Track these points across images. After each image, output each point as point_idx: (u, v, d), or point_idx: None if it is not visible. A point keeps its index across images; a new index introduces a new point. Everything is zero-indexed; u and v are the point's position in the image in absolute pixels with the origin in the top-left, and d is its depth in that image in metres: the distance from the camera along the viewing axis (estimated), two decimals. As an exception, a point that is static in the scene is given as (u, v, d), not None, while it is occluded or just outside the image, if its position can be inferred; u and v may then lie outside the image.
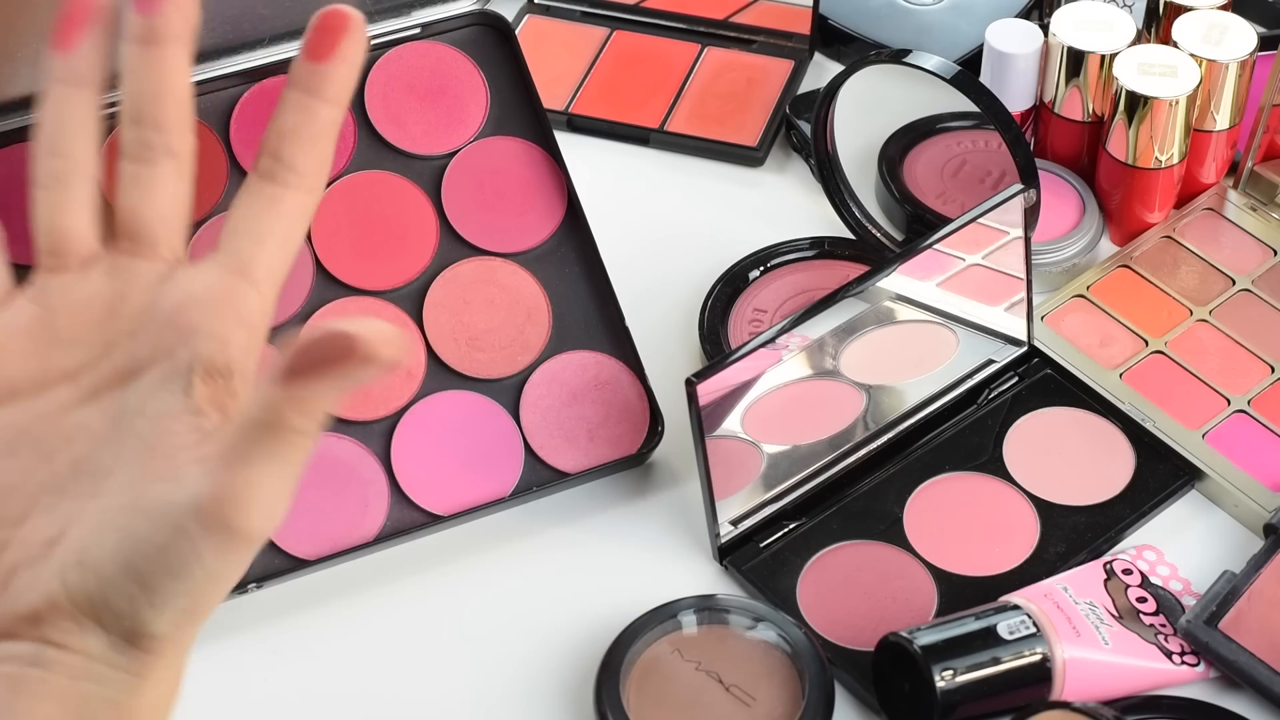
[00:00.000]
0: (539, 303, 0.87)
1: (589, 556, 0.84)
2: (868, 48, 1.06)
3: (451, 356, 0.85)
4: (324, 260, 0.86)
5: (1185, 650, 0.77)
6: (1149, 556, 0.82)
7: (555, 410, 0.85)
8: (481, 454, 0.84)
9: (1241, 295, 0.93)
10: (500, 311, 0.87)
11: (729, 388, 0.77)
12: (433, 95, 0.89)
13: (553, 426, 0.85)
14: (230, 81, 0.86)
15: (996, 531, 0.83)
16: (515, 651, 0.80)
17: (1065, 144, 0.98)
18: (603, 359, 0.86)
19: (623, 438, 0.85)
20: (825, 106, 0.94)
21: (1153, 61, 0.92)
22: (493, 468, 0.84)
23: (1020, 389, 0.89)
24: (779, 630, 0.77)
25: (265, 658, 0.80)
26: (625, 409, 0.85)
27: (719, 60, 1.08)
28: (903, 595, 0.81)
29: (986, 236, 0.83)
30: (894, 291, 0.83)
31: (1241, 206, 0.97)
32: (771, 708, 0.75)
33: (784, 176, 1.03)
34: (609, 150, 1.04)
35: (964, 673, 0.74)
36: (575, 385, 0.86)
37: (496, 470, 0.84)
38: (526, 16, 1.11)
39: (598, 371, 0.86)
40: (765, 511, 0.83)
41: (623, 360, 0.86)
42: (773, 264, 0.95)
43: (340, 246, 0.86)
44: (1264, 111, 0.94)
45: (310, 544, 0.82)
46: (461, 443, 0.84)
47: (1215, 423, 0.87)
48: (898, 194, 0.98)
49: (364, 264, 0.86)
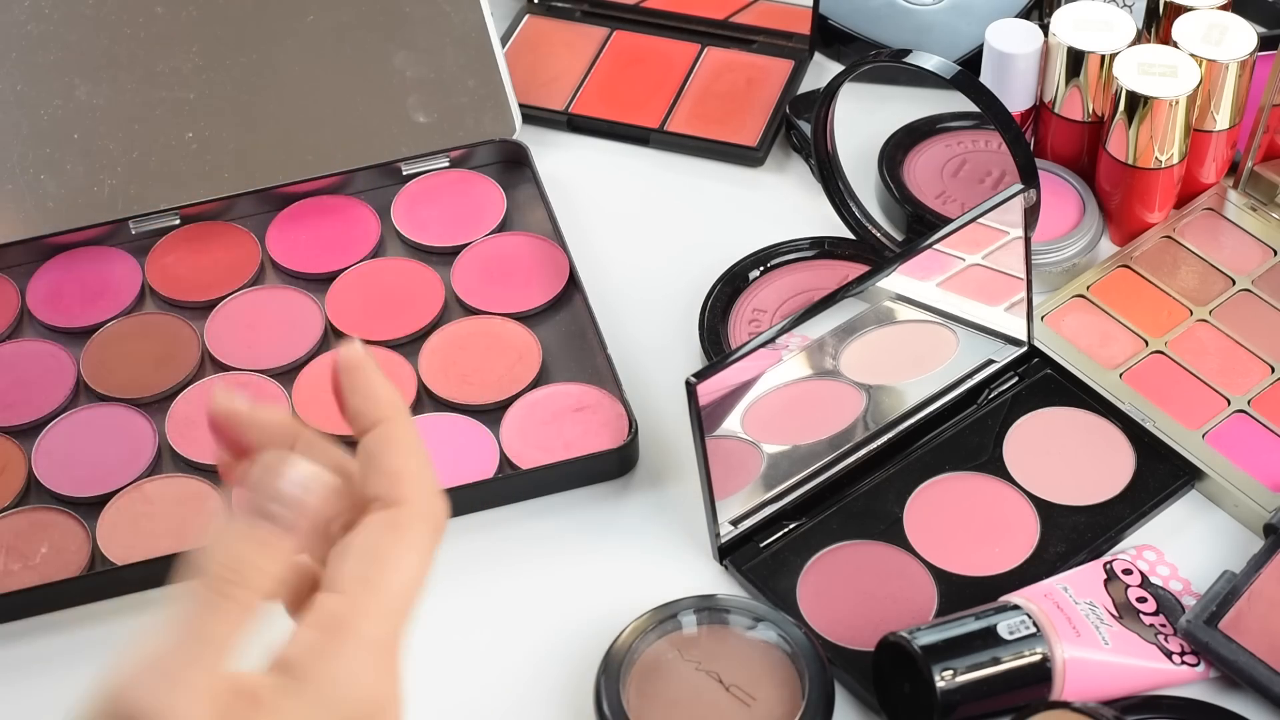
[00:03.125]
0: (530, 347, 0.92)
1: (589, 557, 0.84)
2: (868, 48, 1.06)
3: (443, 389, 0.91)
4: (334, 320, 0.94)
5: (1185, 650, 0.77)
6: (1149, 556, 0.82)
7: (534, 429, 0.89)
8: (457, 463, 0.87)
9: (1241, 295, 0.93)
10: (493, 354, 0.92)
11: (729, 388, 0.77)
12: (454, 207, 0.99)
13: (529, 441, 0.88)
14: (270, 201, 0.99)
15: (996, 531, 0.83)
16: (515, 651, 0.80)
17: (1065, 144, 0.98)
18: (586, 389, 0.90)
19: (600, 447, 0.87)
20: (825, 106, 0.94)
21: (1153, 61, 0.92)
22: (469, 472, 0.87)
23: (1020, 389, 0.89)
24: (779, 630, 0.77)
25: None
26: (606, 429, 0.88)
27: (719, 60, 1.08)
28: (903, 595, 0.81)
29: (986, 236, 0.83)
30: (894, 291, 0.83)
31: (1241, 206, 0.97)
32: (771, 708, 0.75)
33: (784, 176, 1.03)
34: (609, 150, 1.04)
35: (964, 673, 0.74)
36: (556, 409, 0.89)
37: (472, 473, 0.87)
38: (526, 16, 1.11)
39: (580, 397, 0.90)
40: (765, 511, 0.83)
41: (604, 389, 0.90)
42: (773, 264, 0.95)
43: (352, 312, 0.95)
44: (1264, 111, 0.94)
45: None
46: (439, 455, 0.85)
47: (1215, 423, 0.87)
48: (898, 194, 0.98)
49: (372, 324, 0.94)
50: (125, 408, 0.90)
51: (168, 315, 0.95)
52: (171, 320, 0.95)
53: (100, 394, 0.91)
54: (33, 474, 0.88)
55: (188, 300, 0.95)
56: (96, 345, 0.93)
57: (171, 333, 0.94)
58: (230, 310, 0.95)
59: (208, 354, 0.93)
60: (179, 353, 0.93)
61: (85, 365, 0.92)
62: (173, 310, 0.95)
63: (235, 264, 0.97)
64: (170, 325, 0.94)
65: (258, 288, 0.96)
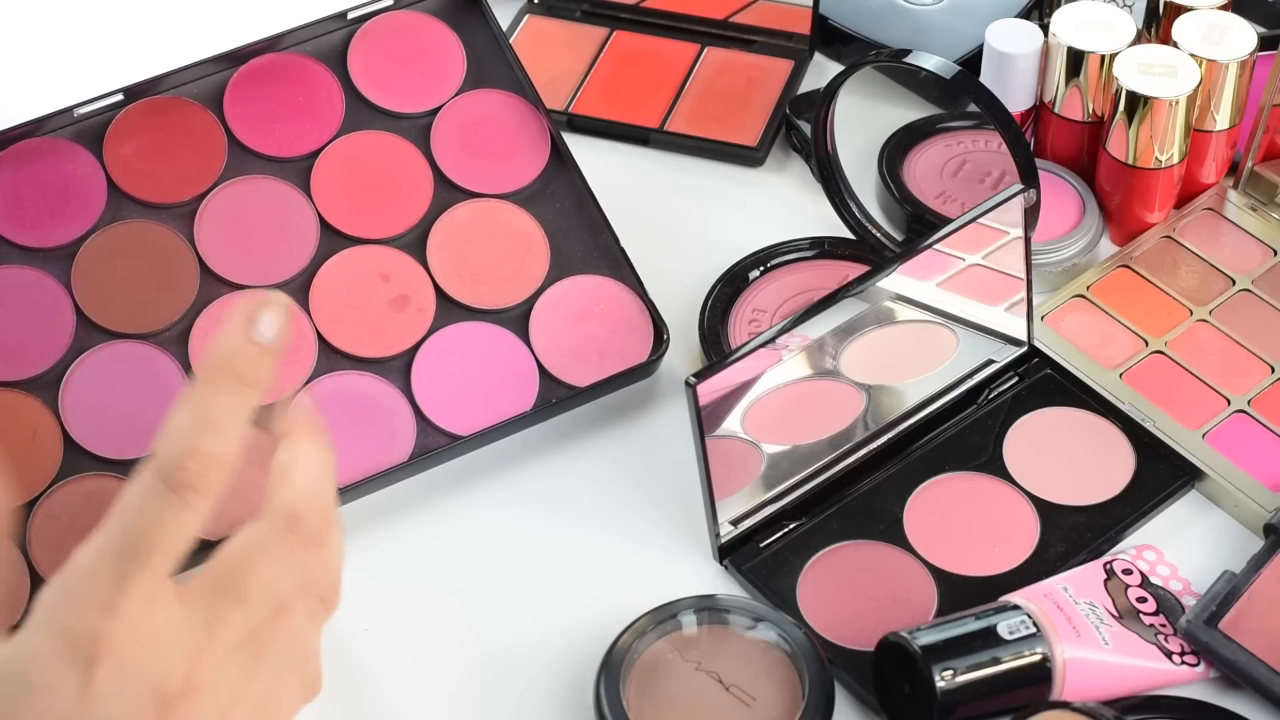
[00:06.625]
0: (536, 236, 0.92)
1: (589, 556, 0.84)
2: (868, 48, 1.06)
3: (458, 292, 0.90)
4: (326, 215, 0.91)
5: (1185, 650, 0.77)
6: (1149, 556, 0.82)
7: (563, 331, 0.89)
8: (499, 379, 0.88)
9: (1241, 295, 0.93)
10: (500, 247, 0.91)
11: (729, 388, 0.77)
12: (411, 59, 0.95)
13: (563, 346, 0.89)
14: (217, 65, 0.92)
15: (996, 531, 0.83)
16: (515, 651, 0.80)
17: (1065, 144, 0.98)
18: (603, 281, 0.91)
19: (631, 350, 0.89)
20: (825, 106, 0.94)
21: (1153, 61, 0.92)
22: (511, 390, 0.88)
23: (1020, 389, 0.89)
24: (779, 630, 0.77)
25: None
26: (630, 324, 0.90)
27: (719, 60, 1.08)
28: (903, 595, 0.81)
29: (986, 236, 0.83)
30: (894, 291, 0.83)
31: (1241, 206, 0.97)
32: (771, 708, 0.75)
33: (784, 176, 1.03)
34: (609, 150, 1.04)
35: (964, 673, 0.74)
36: (579, 306, 0.90)
37: (515, 392, 0.88)
38: (526, 16, 1.11)
39: (599, 292, 0.90)
40: (765, 511, 0.83)
41: (622, 280, 0.91)
42: (773, 264, 0.95)
43: (341, 202, 0.91)
44: (1264, 111, 0.94)
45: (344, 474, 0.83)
46: (479, 370, 0.88)
47: (1215, 423, 0.87)
48: (898, 194, 0.98)
49: (365, 216, 0.91)
50: (142, 344, 0.86)
51: (150, 223, 0.89)
52: (157, 230, 0.89)
53: (108, 330, 0.86)
54: (69, 436, 0.83)
55: (164, 202, 0.90)
56: (84, 268, 0.87)
57: (161, 245, 0.89)
58: (214, 212, 0.90)
59: (206, 269, 0.88)
60: (176, 270, 0.88)
61: (79, 294, 0.87)
62: (152, 216, 0.89)
63: (201, 152, 0.91)
64: (157, 236, 0.89)
65: (235, 181, 0.91)
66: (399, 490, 0.86)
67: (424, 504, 0.86)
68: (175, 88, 0.92)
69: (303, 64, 0.94)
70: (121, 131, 0.91)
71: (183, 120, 0.92)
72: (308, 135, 0.93)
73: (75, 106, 0.90)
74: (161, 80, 0.91)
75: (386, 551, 0.84)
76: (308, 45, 0.94)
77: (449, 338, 0.89)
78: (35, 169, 0.90)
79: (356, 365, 0.88)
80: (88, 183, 0.90)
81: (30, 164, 0.90)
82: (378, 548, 0.84)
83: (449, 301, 0.90)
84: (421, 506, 0.86)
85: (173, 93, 0.92)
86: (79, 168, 0.90)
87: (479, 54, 0.96)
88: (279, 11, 0.93)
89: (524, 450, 0.88)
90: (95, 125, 0.91)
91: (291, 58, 0.94)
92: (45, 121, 0.90)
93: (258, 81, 0.93)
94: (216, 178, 0.91)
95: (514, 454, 0.88)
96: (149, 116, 0.92)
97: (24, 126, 0.89)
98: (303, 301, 0.89)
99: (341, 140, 0.93)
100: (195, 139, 0.92)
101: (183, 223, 0.90)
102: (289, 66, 0.94)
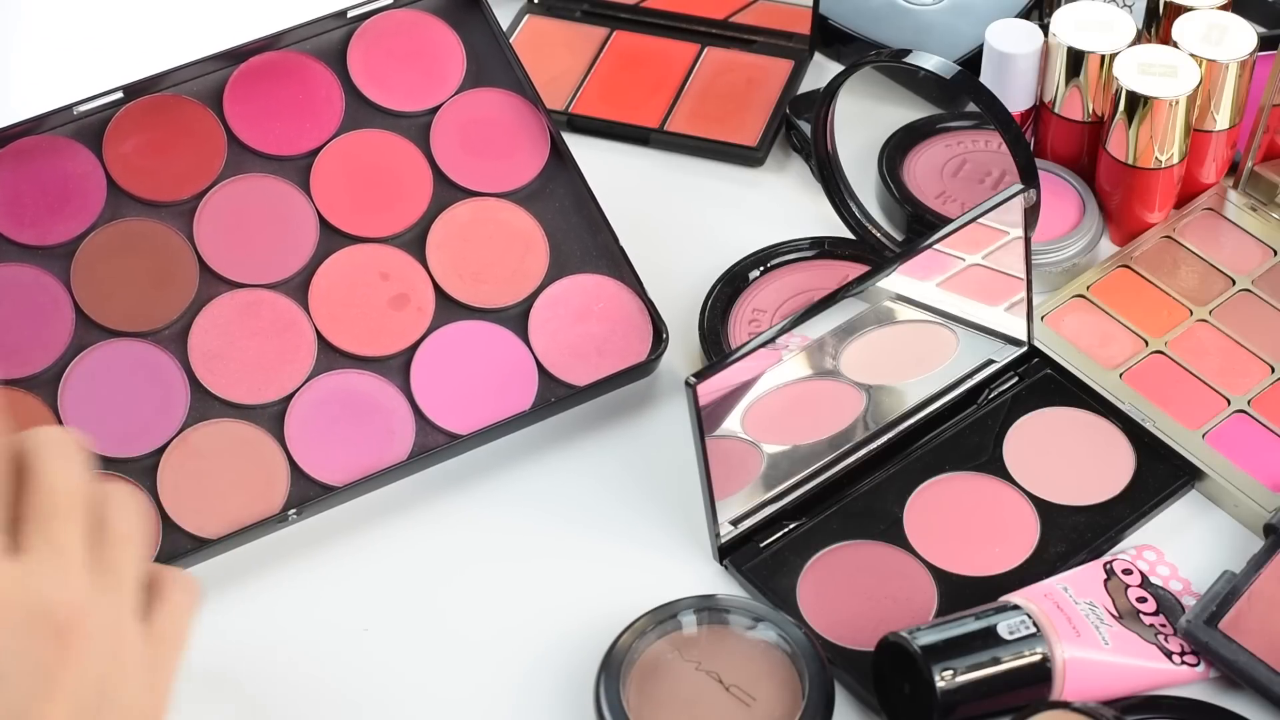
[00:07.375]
0: (535, 235, 0.92)
1: (589, 556, 0.84)
2: (868, 48, 1.06)
3: (458, 290, 0.90)
4: (326, 214, 0.91)
5: (1185, 650, 0.77)
6: (1149, 556, 0.82)
7: (563, 330, 0.90)
8: (498, 378, 0.89)
9: (1241, 295, 0.93)
10: (499, 246, 0.92)
11: (729, 388, 0.77)
12: (411, 58, 0.95)
13: (563, 346, 0.89)
14: (217, 64, 0.93)
15: (996, 531, 0.83)
16: (515, 651, 0.80)
17: (1065, 144, 0.98)
18: (602, 280, 0.91)
19: (630, 349, 0.89)
20: (825, 106, 0.94)
21: (1153, 61, 0.92)
22: (510, 389, 0.88)
23: (1020, 389, 0.89)
24: (779, 630, 0.77)
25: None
26: (629, 323, 0.90)
27: (719, 60, 1.08)
28: (903, 595, 0.81)
29: (986, 236, 0.83)
30: (894, 291, 0.83)
31: (1241, 206, 0.97)
32: (771, 708, 0.75)
33: (784, 176, 1.03)
34: (609, 150, 1.04)
35: (964, 673, 0.73)
36: (578, 306, 0.90)
37: (514, 391, 0.88)
38: (526, 16, 1.11)
39: (599, 292, 0.91)
40: (765, 511, 0.83)
41: (621, 279, 0.91)
42: (773, 264, 0.95)
43: (340, 201, 0.92)
44: (1264, 111, 0.94)
45: (343, 473, 0.85)
46: (478, 369, 0.89)
47: (1215, 423, 0.87)
48: (898, 194, 0.98)
49: (364, 215, 0.91)
50: (141, 342, 0.87)
51: (149, 222, 0.89)
52: (156, 228, 0.89)
53: (107, 328, 0.87)
54: None
55: (163, 200, 0.90)
56: (83, 266, 0.88)
57: (160, 243, 0.89)
58: (213, 210, 0.90)
59: (205, 267, 0.89)
60: (175, 268, 0.88)
61: (79, 292, 0.87)
62: (151, 214, 0.90)
63: (200, 149, 0.91)
64: (156, 234, 0.89)
65: (234, 179, 0.91)
66: (398, 489, 0.86)
67: (423, 503, 0.86)
68: (175, 86, 0.92)
69: (302, 62, 0.94)
70: (121, 129, 0.91)
71: (182, 118, 0.92)
72: (307, 134, 0.93)
73: (75, 104, 0.90)
74: (161, 78, 0.92)
75: (385, 551, 0.84)
76: (307, 44, 0.95)
77: (448, 336, 0.89)
78: (35, 167, 0.90)
79: (356, 364, 0.88)
80: (87, 181, 0.90)
81: (30, 162, 0.90)
82: (376, 547, 0.84)
83: (448, 300, 0.90)
84: (420, 506, 0.86)
85: (172, 91, 0.92)
86: (78, 166, 0.90)
87: (479, 53, 0.96)
88: (279, 10, 0.93)
89: (523, 449, 0.88)
90: (95, 123, 0.91)
91: (291, 56, 0.94)
92: (45, 119, 0.90)
93: (257, 80, 0.94)
94: (216, 176, 0.91)
95: (513, 453, 0.88)
96: (148, 114, 0.92)
97: (23, 124, 0.89)
98: (302, 300, 0.89)
99: (341, 139, 0.93)
100: (195, 137, 0.92)
101: (182, 221, 0.90)
102: (289, 65, 0.94)
